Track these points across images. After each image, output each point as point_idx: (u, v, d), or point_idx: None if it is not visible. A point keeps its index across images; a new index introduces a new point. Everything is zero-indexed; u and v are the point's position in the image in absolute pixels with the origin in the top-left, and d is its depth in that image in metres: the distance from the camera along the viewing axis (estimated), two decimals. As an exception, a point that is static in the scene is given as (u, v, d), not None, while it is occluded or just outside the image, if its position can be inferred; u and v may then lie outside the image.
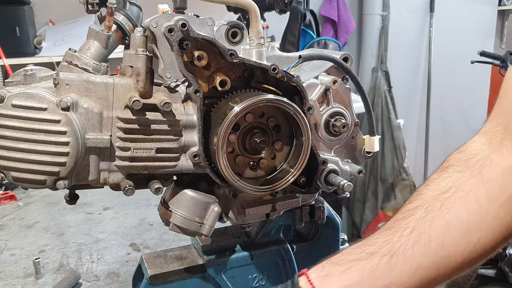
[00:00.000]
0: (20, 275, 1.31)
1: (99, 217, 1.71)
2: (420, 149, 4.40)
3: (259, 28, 0.85)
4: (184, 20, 0.77)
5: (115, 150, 0.79)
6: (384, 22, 4.02)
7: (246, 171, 0.87)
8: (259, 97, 0.79)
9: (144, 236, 1.54)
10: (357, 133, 0.95)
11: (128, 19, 0.96)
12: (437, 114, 4.36)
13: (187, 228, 0.85)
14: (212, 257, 0.96)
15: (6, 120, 0.72)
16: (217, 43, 0.80)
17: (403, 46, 4.20)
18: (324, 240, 1.08)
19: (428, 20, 4.19)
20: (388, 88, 4.02)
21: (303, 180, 0.91)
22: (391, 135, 3.98)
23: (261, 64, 0.83)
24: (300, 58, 0.88)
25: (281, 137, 0.87)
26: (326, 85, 0.89)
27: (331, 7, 3.92)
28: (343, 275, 0.72)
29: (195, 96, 0.80)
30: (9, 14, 2.95)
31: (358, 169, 0.93)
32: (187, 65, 0.81)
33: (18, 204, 1.85)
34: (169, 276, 0.93)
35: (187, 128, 0.82)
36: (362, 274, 0.71)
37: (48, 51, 3.05)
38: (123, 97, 0.79)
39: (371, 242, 0.75)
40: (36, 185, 0.76)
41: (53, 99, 0.74)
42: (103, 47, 0.91)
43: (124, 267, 1.34)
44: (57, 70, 0.84)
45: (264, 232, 1.01)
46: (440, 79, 4.27)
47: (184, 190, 0.85)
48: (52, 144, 0.73)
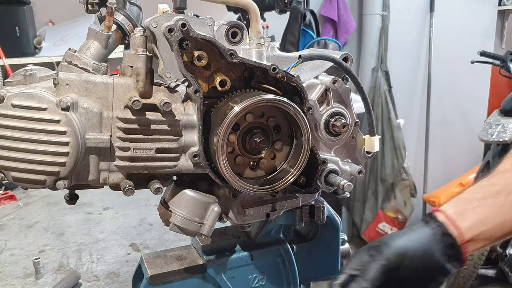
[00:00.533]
0: (20, 275, 1.31)
1: (99, 217, 1.71)
2: (420, 149, 4.40)
3: (259, 28, 0.85)
4: (184, 20, 0.77)
5: (115, 150, 0.79)
6: (384, 22, 4.02)
7: (246, 171, 0.87)
8: (259, 97, 0.79)
9: (144, 236, 1.54)
10: (357, 133, 0.95)
11: (128, 19, 0.96)
12: (437, 114, 4.36)
13: (187, 228, 0.84)
14: (212, 257, 0.96)
15: (6, 120, 0.72)
16: (217, 43, 0.80)
17: (403, 46, 4.19)
18: (324, 240, 1.08)
19: (428, 20, 4.19)
20: (388, 88, 4.02)
21: (303, 180, 0.91)
22: (391, 135, 3.98)
23: (261, 64, 0.83)
24: (300, 58, 0.88)
25: (281, 137, 0.87)
26: (326, 85, 0.89)
27: (331, 7, 3.92)
28: (476, 211, 0.81)
29: (195, 96, 0.80)
30: (9, 14, 2.95)
31: (358, 169, 0.93)
32: (187, 65, 0.81)
33: (18, 204, 1.85)
34: (169, 276, 0.93)
35: (187, 128, 0.82)
36: (492, 210, 0.80)
37: (48, 51, 3.05)
38: (123, 97, 0.79)
39: (495, 182, 0.84)
40: (36, 185, 0.76)
41: (53, 99, 0.74)
42: (103, 47, 0.91)
43: (124, 267, 1.34)
44: (57, 70, 0.84)
45: (264, 232, 1.01)
46: (440, 79, 4.27)
47: (184, 190, 0.85)
48: (52, 144, 0.73)
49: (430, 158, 4.33)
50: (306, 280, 1.10)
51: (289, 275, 1.01)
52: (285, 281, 1.02)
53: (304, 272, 1.04)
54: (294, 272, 1.01)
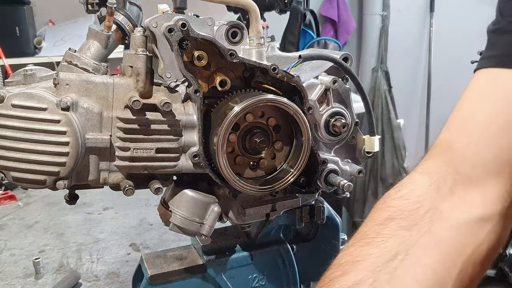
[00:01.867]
0: (20, 275, 1.31)
1: (99, 217, 1.71)
2: (420, 149, 4.40)
3: (259, 28, 0.85)
4: (184, 20, 0.77)
5: (115, 150, 0.79)
6: (384, 22, 4.02)
7: (246, 171, 0.87)
8: (259, 97, 0.79)
9: (144, 236, 1.54)
10: (357, 133, 0.95)
11: (128, 19, 0.96)
12: (437, 114, 4.36)
13: (187, 228, 0.84)
14: (212, 257, 0.96)
15: (6, 120, 0.72)
16: (217, 43, 0.80)
17: (403, 46, 4.20)
18: (324, 240, 1.08)
19: (428, 20, 4.19)
20: (388, 88, 4.02)
21: (303, 180, 0.91)
22: (391, 135, 3.98)
23: (261, 64, 0.83)
24: (300, 58, 0.88)
25: (281, 137, 0.87)
26: (326, 85, 0.89)
27: (331, 7, 3.92)
28: None
29: (195, 96, 0.80)
30: (9, 14, 2.96)
31: (358, 169, 0.93)
32: (187, 65, 0.81)
33: (18, 204, 1.85)
34: (169, 276, 0.93)
35: (187, 128, 0.82)
36: None
37: (48, 51, 3.05)
38: (123, 97, 0.79)
39: None
40: (36, 185, 0.76)
41: (53, 99, 0.74)
42: (103, 47, 0.91)
43: (124, 267, 1.34)
44: (57, 70, 0.84)
45: (264, 232, 1.01)
46: (440, 79, 4.27)
47: (184, 190, 0.85)
48: (52, 144, 0.73)
49: (430, 158, 4.33)
50: (306, 280, 1.10)
51: (289, 275, 1.01)
52: (285, 281, 1.02)
53: (304, 272, 1.04)
54: (294, 272, 1.02)
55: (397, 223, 0.62)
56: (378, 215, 0.65)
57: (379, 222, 0.64)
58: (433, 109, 4.29)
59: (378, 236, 0.62)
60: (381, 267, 0.58)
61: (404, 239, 0.60)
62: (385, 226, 0.62)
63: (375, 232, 0.62)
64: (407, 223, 0.61)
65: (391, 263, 0.58)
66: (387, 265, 0.58)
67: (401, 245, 0.60)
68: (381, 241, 0.61)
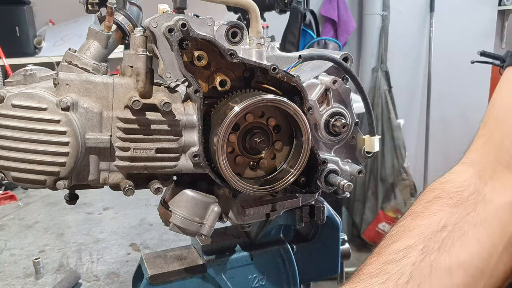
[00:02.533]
0: (20, 275, 1.31)
1: (99, 217, 1.71)
2: (420, 149, 4.40)
3: (259, 28, 0.85)
4: (184, 20, 0.77)
5: (115, 150, 0.79)
6: (384, 22, 4.02)
7: (246, 171, 0.87)
8: (259, 97, 0.79)
9: (144, 236, 1.54)
10: (357, 133, 0.95)
11: (128, 19, 0.96)
12: (437, 114, 4.36)
13: (187, 228, 0.84)
14: (212, 257, 0.96)
15: (6, 120, 0.72)
16: (217, 43, 0.80)
17: (403, 46, 4.20)
18: (324, 240, 1.08)
19: (428, 20, 4.19)
20: (388, 88, 4.02)
21: (303, 180, 0.91)
22: (391, 135, 3.99)
23: (261, 64, 0.83)
24: (300, 58, 0.88)
25: (281, 137, 0.87)
26: (326, 85, 0.89)
27: (331, 7, 3.92)
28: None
29: (195, 96, 0.80)
30: (9, 14, 2.96)
31: (358, 169, 0.93)
32: (187, 65, 0.81)
33: (18, 204, 1.85)
34: (169, 276, 0.93)
35: (187, 128, 0.82)
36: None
37: (48, 51, 3.05)
38: (123, 97, 0.79)
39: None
40: (36, 185, 0.76)
41: (53, 99, 0.74)
42: (103, 47, 0.91)
43: (124, 267, 1.34)
44: (57, 70, 0.84)
45: (264, 232, 1.01)
46: (440, 79, 4.27)
47: (184, 190, 0.85)
48: (52, 144, 0.73)
49: (430, 158, 4.34)
50: (306, 280, 1.10)
51: (289, 275, 1.01)
52: (285, 281, 1.02)
53: (304, 272, 1.04)
54: (294, 272, 1.02)
55: (444, 201, 0.68)
56: (426, 196, 0.71)
57: (427, 200, 0.70)
58: (433, 109, 4.29)
59: (426, 211, 0.67)
60: (431, 235, 0.64)
61: (451, 214, 0.66)
62: (433, 203, 0.68)
63: (424, 207, 0.68)
64: (453, 202, 0.67)
65: (440, 233, 0.64)
66: (437, 234, 0.64)
67: (450, 219, 0.65)
68: (430, 214, 0.66)
